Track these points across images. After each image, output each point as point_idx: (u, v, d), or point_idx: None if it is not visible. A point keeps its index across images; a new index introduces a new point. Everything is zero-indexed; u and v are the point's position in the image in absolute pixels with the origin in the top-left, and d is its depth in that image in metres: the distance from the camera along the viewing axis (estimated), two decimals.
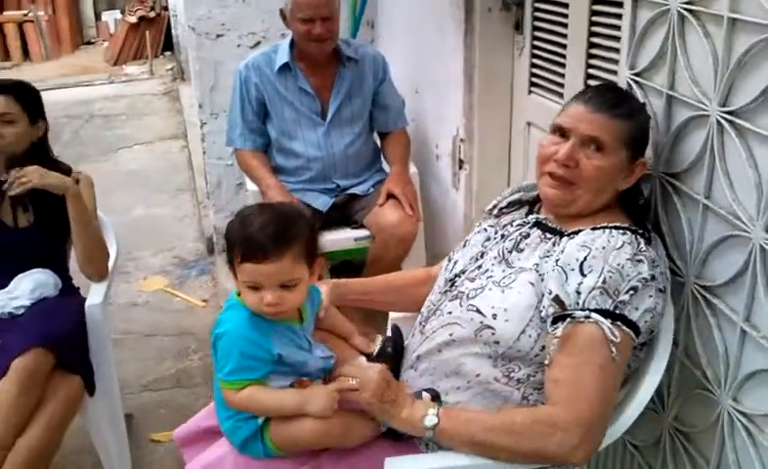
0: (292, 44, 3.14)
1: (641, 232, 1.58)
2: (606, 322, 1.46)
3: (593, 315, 1.47)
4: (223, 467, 1.64)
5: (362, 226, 3.15)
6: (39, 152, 2.60)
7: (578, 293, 1.50)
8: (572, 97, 1.73)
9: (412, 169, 3.29)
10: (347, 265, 3.63)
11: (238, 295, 1.61)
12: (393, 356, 1.77)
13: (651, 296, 1.50)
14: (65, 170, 2.65)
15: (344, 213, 3.21)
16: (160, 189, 5.79)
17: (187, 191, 5.59)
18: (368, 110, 3.26)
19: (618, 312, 1.48)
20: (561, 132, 1.66)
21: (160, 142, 7.16)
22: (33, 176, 2.40)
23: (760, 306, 1.45)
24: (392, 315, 2.08)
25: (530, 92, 2.71)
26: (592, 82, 2.21)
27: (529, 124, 2.75)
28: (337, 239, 3.16)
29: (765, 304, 1.42)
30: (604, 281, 1.48)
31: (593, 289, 1.48)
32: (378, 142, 3.40)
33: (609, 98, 1.65)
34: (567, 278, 1.52)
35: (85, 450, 2.61)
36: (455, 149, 3.07)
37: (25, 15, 12.40)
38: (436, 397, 1.62)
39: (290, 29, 3.10)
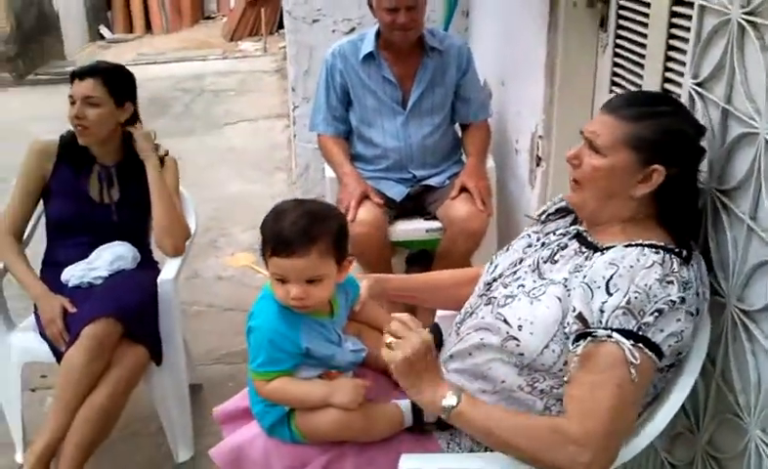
0: (378, 33, 3.17)
1: (678, 251, 1.54)
2: (627, 343, 1.43)
3: (615, 334, 1.44)
4: (252, 447, 1.71)
5: (435, 217, 3.16)
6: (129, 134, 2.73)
7: (602, 312, 1.48)
8: None
9: (490, 163, 3.28)
10: (425, 253, 3.66)
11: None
12: None
13: (679, 320, 1.46)
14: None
15: (418, 203, 3.23)
16: (258, 166, 5.95)
17: (283, 171, 5.72)
18: (450, 102, 3.25)
19: (641, 333, 1.44)
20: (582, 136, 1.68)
21: (265, 120, 7.33)
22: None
23: None
24: (438, 312, 2.10)
25: (610, 91, 2.65)
26: (668, 86, 2.14)
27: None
28: (409, 230, 3.20)
29: None
30: (628, 302, 1.45)
31: (617, 309, 1.46)
32: (459, 133, 3.39)
33: (622, 100, 1.65)
34: (592, 296, 1.50)
35: (151, 416, 2.73)
36: (533, 146, 3.04)
37: None
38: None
39: (377, 19, 3.13)
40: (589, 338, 1.48)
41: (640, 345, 1.44)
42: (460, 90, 3.25)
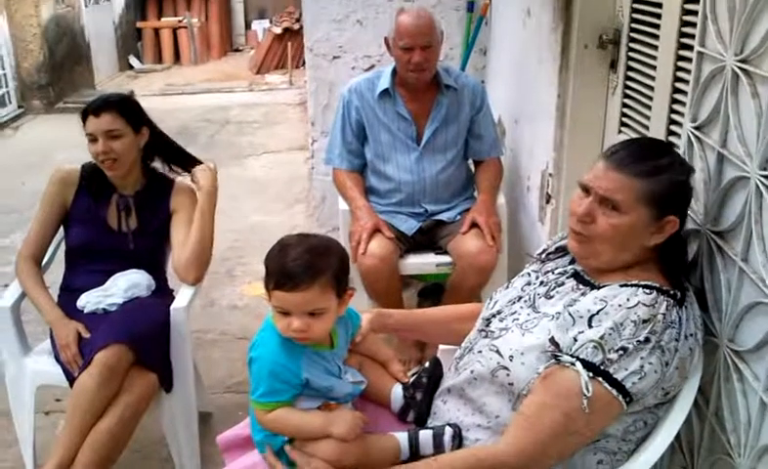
0: (394, 71, 3.23)
1: (672, 292, 1.56)
2: (584, 374, 1.47)
3: (578, 364, 1.49)
4: None
5: (445, 252, 3.20)
6: (160, 148, 2.85)
7: (575, 340, 1.53)
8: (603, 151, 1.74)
9: (501, 200, 3.31)
10: (438, 286, 3.70)
11: None
12: (428, 386, 1.82)
13: (642, 358, 1.48)
14: (165, 174, 2.89)
15: (429, 238, 3.27)
16: (279, 198, 6.02)
17: (303, 202, 5.78)
18: (463, 138, 3.30)
19: (602, 368, 1.48)
20: (585, 189, 1.68)
21: (287, 152, 7.42)
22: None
23: None
24: (440, 346, 2.13)
25: (619, 131, 2.68)
26: (673, 128, 2.17)
27: (610, 172, 2.72)
28: (419, 263, 3.24)
29: None
30: (602, 337, 1.49)
31: (589, 341, 1.50)
32: (473, 168, 3.43)
33: (634, 155, 1.65)
34: (573, 324, 1.55)
35: (160, 442, 2.77)
36: (544, 183, 3.07)
37: (180, 21, 13.13)
38: (457, 432, 1.66)
39: (393, 57, 3.20)
40: (553, 360, 1.54)
41: (599, 379, 1.48)
42: (474, 127, 3.30)
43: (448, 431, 1.67)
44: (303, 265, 1.62)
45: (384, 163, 3.27)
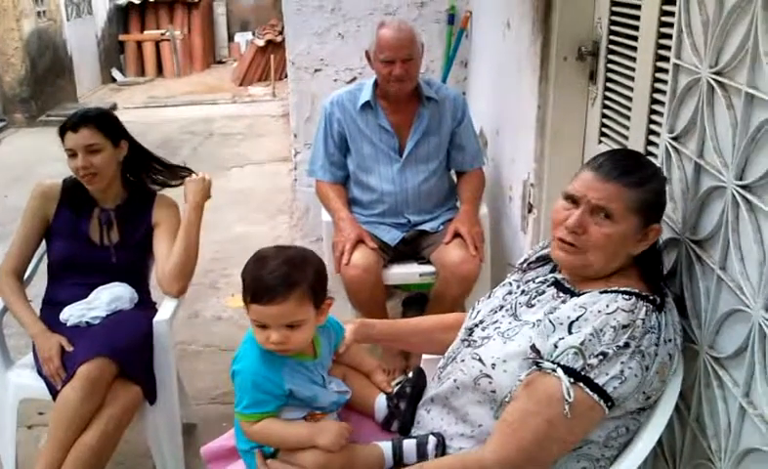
0: (376, 83, 3.26)
1: (652, 298, 1.59)
2: (566, 380, 1.49)
3: (558, 370, 1.51)
4: None
5: (429, 261, 3.22)
6: (141, 163, 2.85)
7: (556, 347, 1.55)
8: (585, 163, 1.76)
9: (483, 210, 3.34)
10: (421, 296, 3.73)
11: None
12: (411, 396, 1.83)
13: (622, 363, 1.50)
14: (149, 186, 2.89)
15: (413, 248, 3.29)
16: (262, 209, 6.03)
17: (286, 213, 5.79)
18: (445, 149, 3.33)
19: (583, 373, 1.50)
20: (572, 199, 1.69)
21: (270, 163, 7.43)
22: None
23: (756, 384, 1.44)
24: (424, 356, 2.14)
25: (599, 141, 2.71)
26: (652, 138, 2.21)
27: (602, 182, 2.74)
28: (403, 273, 3.26)
29: (761, 383, 1.42)
30: (582, 343, 1.51)
31: (570, 348, 1.52)
32: (455, 179, 3.46)
33: (620, 165, 1.67)
34: (553, 331, 1.57)
35: (144, 454, 2.76)
36: (525, 193, 3.09)
37: (163, 34, 13.13)
38: (441, 441, 1.68)
39: (374, 70, 3.22)
40: (535, 367, 1.56)
41: (580, 385, 1.50)
42: (455, 138, 3.32)
43: (432, 440, 1.68)
44: (278, 277, 1.63)
45: (367, 174, 3.29)
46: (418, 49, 3.17)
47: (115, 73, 13.08)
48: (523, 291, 1.80)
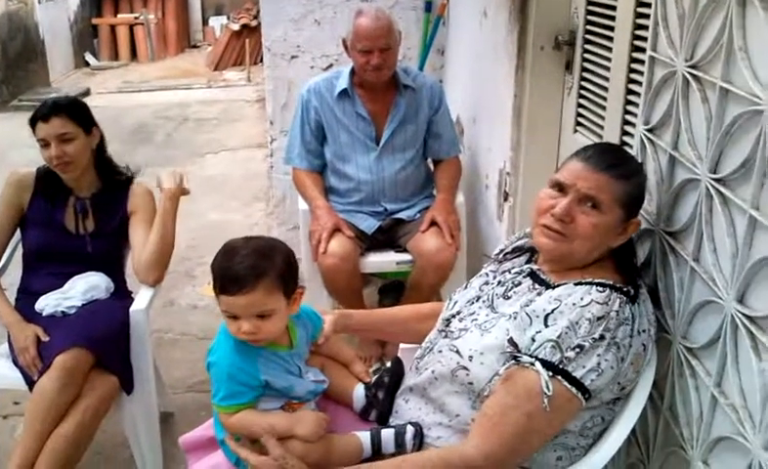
0: (353, 71, 3.25)
1: (625, 289, 1.61)
2: (544, 374, 1.51)
3: (537, 364, 1.53)
4: None
5: (405, 250, 3.23)
6: (100, 159, 2.79)
7: (533, 341, 1.56)
8: (572, 153, 1.77)
9: (459, 199, 3.35)
10: (397, 284, 3.74)
11: None
12: (389, 386, 1.84)
13: (599, 355, 1.52)
14: (122, 173, 2.85)
15: (389, 237, 3.30)
16: (236, 195, 6.01)
17: (261, 200, 5.77)
18: (422, 138, 3.34)
19: (561, 367, 1.52)
20: (559, 187, 1.70)
21: (245, 149, 7.39)
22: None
23: (728, 374, 1.46)
24: (401, 345, 2.16)
25: (575, 131, 2.73)
26: (627, 128, 2.23)
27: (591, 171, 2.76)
28: (379, 261, 3.27)
29: (732, 373, 1.44)
30: (559, 336, 1.53)
31: (547, 341, 1.54)
32: (432, 167, 3.47)
33: (608, 157, 1.69)
34: (530, 324, 1.59)
35: (122, 443, 2.75)
36: (501, 182, 3.11)
37: (136, 18, 13.01)
38: (419, 431, 1.69)
39: (351, 58, 3.22)
40: (513, 361, 1.58)
41: (559, 378, 1.52)
42: (432, 127, 3.33)
43: (410, 430, 1.70)
44: (246, 267, 1.63)
45: (343, 163, 3.29)
46: (396, 38, 3.17)
47: (89, 57, 12.93)
48: (499, 282, 1.81)
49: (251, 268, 1.63)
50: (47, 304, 2.60)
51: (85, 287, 2.64)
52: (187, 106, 9.36)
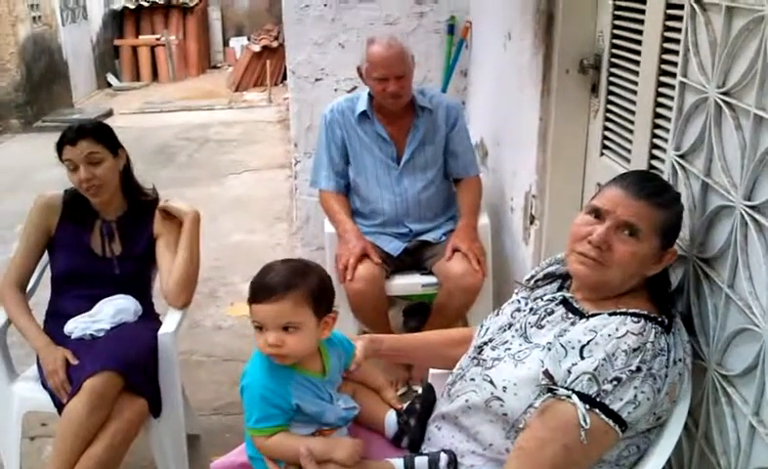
0: (371, 94, 3.27)
1: (660, 319, 1.60)
2: (582, 407, 1.50)
3: (574, 396, 1.52)
4: None
5: (431, 272, 3.23)
6: (127, 182, 2.81)
7: (569, 373, 1.55)
8: (610, 180, 1.76)
9: (484, 220, 3.35)
10: (422, 305, 3.73)
11: None
12: (421, 413, 1.84)
13: (636, 387, 1.51)
14: (148, 195, 2.87)
15: (415, 259, 3.30)
16: (259, 216, 6.04)
17: (284, 221, 5.80)
18: (442, 158, 3.34)
19: (598, 400, 1.51)
20: (596, 213, 1.70)
21: (267, 170, 7.44)
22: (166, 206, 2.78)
23: (767, 402, 1.45)
24: (431, 371, 2.15)
25: (601, 154, 2.73)
26: (655, 152, 2.22)
27: (599, 186, 2.76)
28: (405, 284, 3.27)
29: None
30: (596, 368, 1.52)
31: (584, 373, 1.53)
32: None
33: (648, 186, 1.68)
34: (565, 355, 1.58)
35: (149, 466, 2.75)
36: (527, 205, 3.11)
37: (158, 39, 13.13)
38: (453, 459, 1.69)
39: (367, 86, 3.25)
40: (549, 394, 1.56)
41: (596, 411, 1.51)
42: (449, 144, 3.33)
43: (444, 457, 1.70)
44: (278, 277, 1.68)
45: (366, 184, 3.30)
46: (410, 63, 3.18)
47: (111, 78, 13.08)
48: (531, 309, 1.81)
49: (283, 279, 1.67)
50: (75, 327, 2.62)
51: (113, 310, 2.65)
52: (208, 127, 9.43)
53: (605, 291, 1.70)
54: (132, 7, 13.26)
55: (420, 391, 1.91)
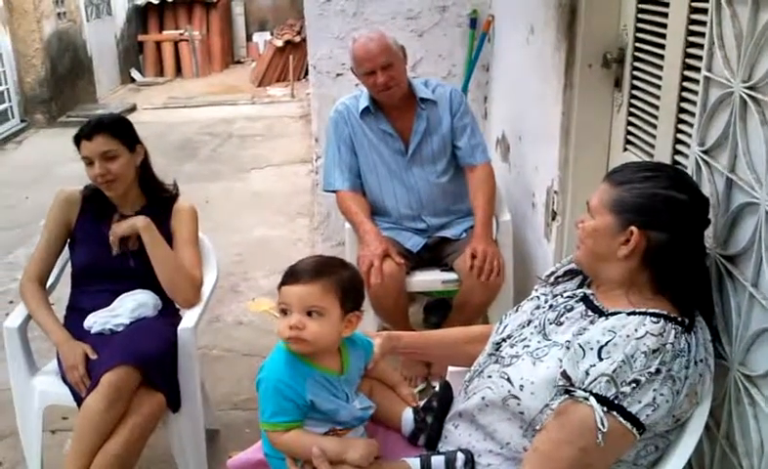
0: None
1: (680, 319, 1.57)
2: (599, 410, 1.48)
3: (591, 398, 1.49)
4: None
5: (451, 269, 3.20)
6: (145, 177, 2.81)
7: (587, 374, 1.53)
8: None
9: (506, 216, 3.32)
10: (443, 301, 3.72)
11: None
12: (438, 410, 1.82)
13: (654, 390, 1.49)
14: (167, 190, 2.87)
15: (435, 255, 3.28)
16: (281, 211, 6.04)
17: (305, 216, 5.80)
18: (450, 147, 3.31)
19: (616, 402, 1.49)
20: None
21: (290, 165, 7.43)
22: (114, 233, 2.69)
23: None
24: (450, 368, 2.13)
25: (624, 149, 2.69)
26: (679, 147, 2.18)
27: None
28: (425, 280, 3.25)
29: None
30: (614, 371, 1.49)
31: (602, 375, 1.50)
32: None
33: (621, 167, 1.74)
34: (583, 357, 1.55)
35: (168, 461, 2.76)
36: (549, 200, 3.08)
37: (181, 34, 13.18)
38: (470, 458, 1.67)
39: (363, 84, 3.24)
40: (567, 396, 1.54)
41: (614, 413, 1.49)
42: (455, 131, 3.29)
43: (461, 457, 1.68)
44: (311, 264, 1.72)
45: (378, 179, 3.29)
46: (396, 52, 3.15)
47: (134, 74, 13.15)
48: (551, 306, 1.79)
49: (315, 265, 1.71)
50: (95, 322, 2.63)
51: (133, 305, 2.66)
52: (231, 122, 9.45)
53: (595, 275, 1.74)
54: (156, 2, 13.31)
55: (438, 387, 1.89)
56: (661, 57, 2.26)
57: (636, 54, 2.52)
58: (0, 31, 9.13)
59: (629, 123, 2.63)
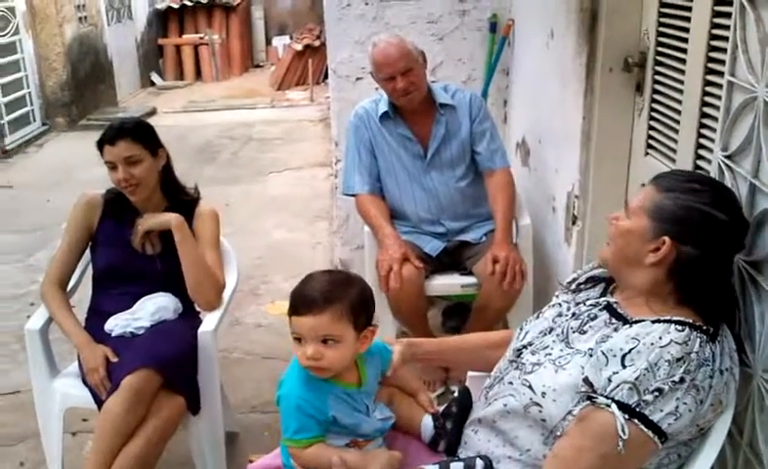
0: None
1: (705, 328, 1.55)
2: (621, 417, 1.47)
3: (613, 405, 1.48)
4: None
5: (471, 273, 3.19)
6: (167, 181, 2.82)
7: (610, 381, 1.51)
8: None
9: (526, 220, 3.30)
10: (462, 305, 3.71)
11: None
12: (458, 416, 1.82)
13: (677, 399, 1.47)
14: (189, 194, 2.88)
15: (455, 259, 3.28)
16: (300, 214, 6.04)
17: (324, 219, 5.80)
18: (470, 152, 3.30)
19: (638, 410, 1.47)
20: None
21: (309, 168, 7.44)
22: (142, 224, 2.71)
23: None
24: (469, 373, 2.12)
25: (646, 154, 2.67)
26: (701, 152, 2.17)
27: (644, 186, 2.71)
28: (445, 284, 3.25)
29: None
30: (637, 378, 1.48)
31: (624, 383, 1.49)
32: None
33: (668, 172, 1.74)
34: (606, 364, 1.54)
35: (188, 463, 2.76)
36: (569, 204, 3.06)
37: (201, 38, 13.24)
38: (488, 464, 1.66)
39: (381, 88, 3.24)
40: (589, 402, 1.53)
41: (635, 421, 1.48)
42: (474, 136, 3.28)
43: (479, 463, 1.67)
44: (318, 291, 1.67)
45: (397, 183, 3.29)
46: (416, 57, 3.14)
47: (155, 77, 13.22)
48: (574, 314, 1.77)
49: (323, 292, 1.66)
50: (116, 324, 2.64)
51: (154, 308, 2.67)
52: (251, 126, 9.48)
53: (619, 278, 1.73)
54: (176, 6, 13.39)
55: (457, 393, 1.89)
56: (684, 61, 2.24)
57: (658, 58, 2.50)
58: (23, 36, 9.20)
59: (651, 128, 2.61)
